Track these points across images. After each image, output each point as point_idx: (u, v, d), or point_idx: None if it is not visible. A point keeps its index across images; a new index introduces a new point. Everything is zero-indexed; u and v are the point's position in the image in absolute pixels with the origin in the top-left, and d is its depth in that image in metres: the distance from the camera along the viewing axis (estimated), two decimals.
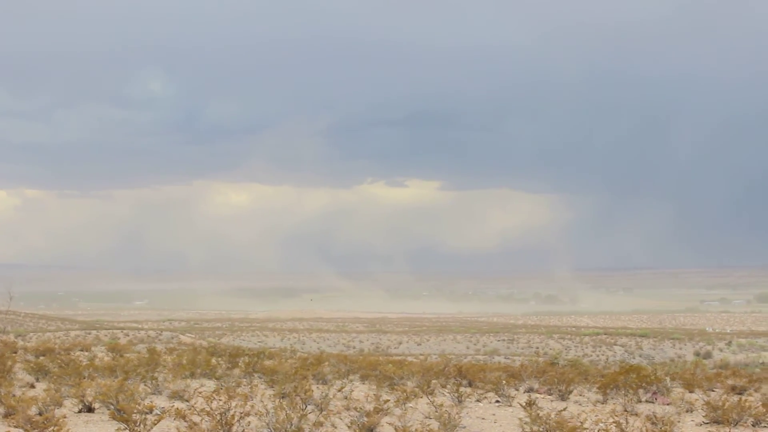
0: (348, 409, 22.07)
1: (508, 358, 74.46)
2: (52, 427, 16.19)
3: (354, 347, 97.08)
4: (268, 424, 17.69)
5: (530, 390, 29.80)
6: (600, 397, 27.88)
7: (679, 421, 21.33)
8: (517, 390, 29.27)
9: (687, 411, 25.21)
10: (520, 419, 19.79)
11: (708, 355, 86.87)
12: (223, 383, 27.48)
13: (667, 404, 26.56)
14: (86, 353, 43.46)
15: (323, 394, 23.51)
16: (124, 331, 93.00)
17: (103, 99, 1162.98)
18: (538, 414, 18.57)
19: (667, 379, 31.03)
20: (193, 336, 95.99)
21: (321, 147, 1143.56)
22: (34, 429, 17.16)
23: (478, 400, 26.27)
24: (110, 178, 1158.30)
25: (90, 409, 21.70)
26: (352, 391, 26.82)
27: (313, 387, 25.54)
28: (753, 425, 22.10)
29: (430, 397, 24.74)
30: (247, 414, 17.57)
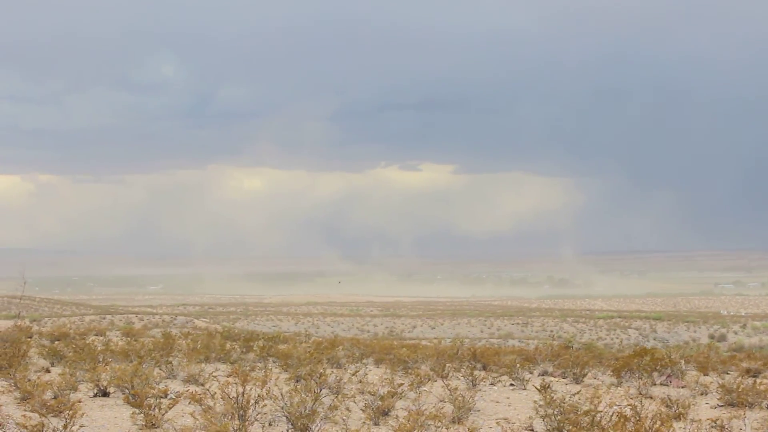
0: (362, 392, 22.07)
1: (523, 342, 74.40)
2: (68, 411, 16.23)
3: (368, 331, 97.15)
4: (282, 408, 17.71)
5: (544, 373, 29.80)
6: (614, 380, 27.84)
7: (693, 404, 21.28)
8: (531, 373, 29.24)
9: (701, 394, 25.16)
10: (534, 402, 19.77)
11: (722, 338, 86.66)
12: (237, 367, 27.53)
13: (682, 387, 26.51)
14: (101, 338, 43.60)
15: (337, 377, 23.54)
16: (139, 316, 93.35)
17: (116, 84, 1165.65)
18: (553, 397, 18.55)
19: (682, 362, 30.94)
20: (208, 320, 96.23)
21: (334, 131, 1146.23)
22: (50, 413, 17.22)
23: (492, 384, 26.26)
24: (124, 163, 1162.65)
25: (105, 394, 21.78)
26: (367, 374, 26.84)
27: (328, 371, 25.57)
28: None
29: (444, 380, 24.75)
30: (262, 398, 17.59)
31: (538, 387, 20.17)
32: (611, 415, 16.28)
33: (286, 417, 17.53)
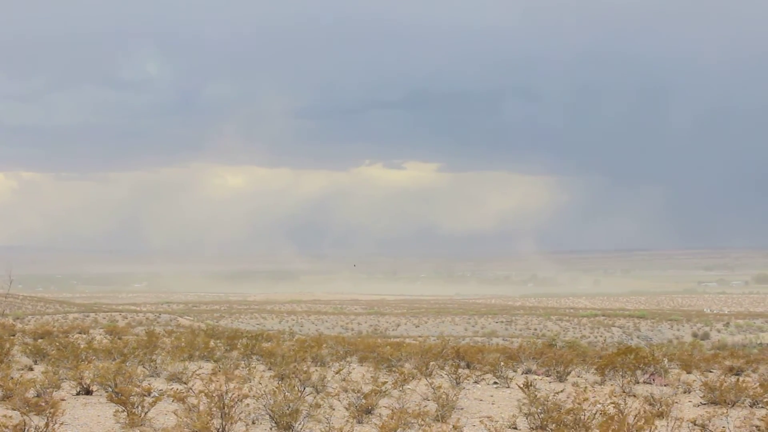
0: (346, 390, 22.05)
1: (506, 340, 74.51)
2: (50, 410, 16.16)
3: (352, 329, 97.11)
4: (265, 406, 17.68)
5: (528, 371, 29.82)
6: (598, 378, 27.90)
7: (676, 402, 21.34)
8: (515, 371, 29.28)
9: (685, 392, 25.24)
10: (518, 401, 19.80)
11: (706, 336, 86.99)
12: (221, 365, 27.48)
13: (665, 385, 26.58)
14: (84, 336, 43.45)
15: (321, 376, 23.52)
16: (122, 314, 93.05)
17: (99, 81, 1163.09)
18: (536, 395, 18.57)
19: (665, 360, 31.03)
20: (192, 318, 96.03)
21: (319, 129, 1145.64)
22: (32, 411, 17.14)
23: (476, 382, 26.28)
24: (107, 161, 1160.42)
25: (88, 392, 21.69)
26: (350, 372, 26.82)
27: (311, 369, 25.54)
28: (750, 406, 22.14)
29: (428, 379, 24.75)
30: (245, 396, 17.56)
31: (522, 385, 20.21)
32: (594, 413, 16.31)
33: (270, 415, 17.51)
